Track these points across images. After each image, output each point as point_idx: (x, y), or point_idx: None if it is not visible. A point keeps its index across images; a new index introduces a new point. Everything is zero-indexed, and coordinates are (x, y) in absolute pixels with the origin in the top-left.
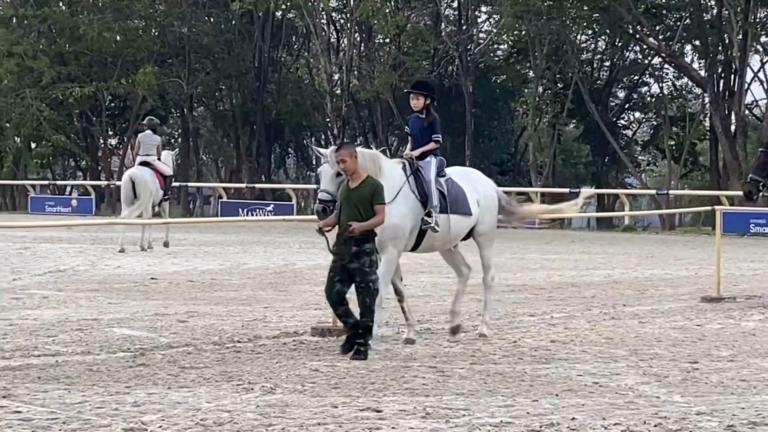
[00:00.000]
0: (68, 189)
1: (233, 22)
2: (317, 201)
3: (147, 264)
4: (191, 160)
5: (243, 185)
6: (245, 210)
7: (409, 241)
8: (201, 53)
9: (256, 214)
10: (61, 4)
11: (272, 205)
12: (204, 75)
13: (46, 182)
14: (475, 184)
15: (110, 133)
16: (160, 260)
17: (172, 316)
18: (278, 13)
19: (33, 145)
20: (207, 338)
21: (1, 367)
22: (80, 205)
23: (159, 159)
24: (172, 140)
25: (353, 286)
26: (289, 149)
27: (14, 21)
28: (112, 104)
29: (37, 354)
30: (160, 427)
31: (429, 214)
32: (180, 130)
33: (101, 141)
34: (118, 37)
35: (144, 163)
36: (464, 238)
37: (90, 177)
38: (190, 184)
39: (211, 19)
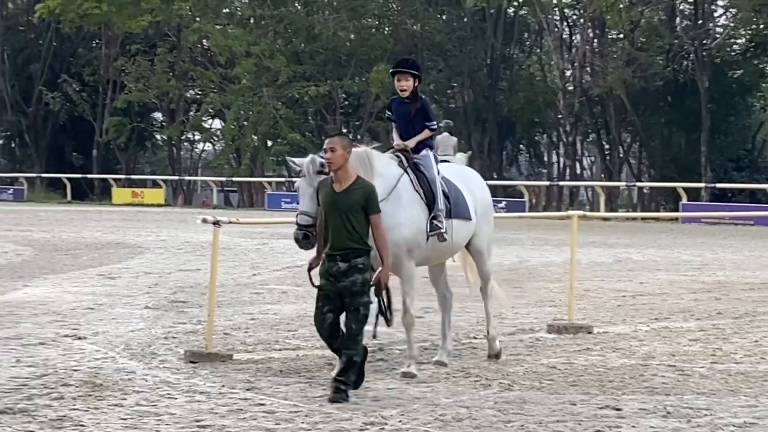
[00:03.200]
0: None
1: (465, 19)
2: (296, 226)
3: None
4: None
5: None
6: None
7: None
8: (433, 51)
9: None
10: (297, 4)
11: (504, 202)
12: (436, 72)
13: (282, 179)
14: (470, 186)
15: (344, 130)
16: None
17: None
18: (510, 10)
19: (270, 143)
20: None
21: (244, 360)
22: None
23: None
24: None
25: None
26: (521, 146)
27: (252, 21)
28: (346, 102)
29: (278, 348)
30: (400, 421)
31: (435, 218)
32: None
33: None
34: (352, 36)
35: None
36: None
37: None
38: None
39: (444, 17)
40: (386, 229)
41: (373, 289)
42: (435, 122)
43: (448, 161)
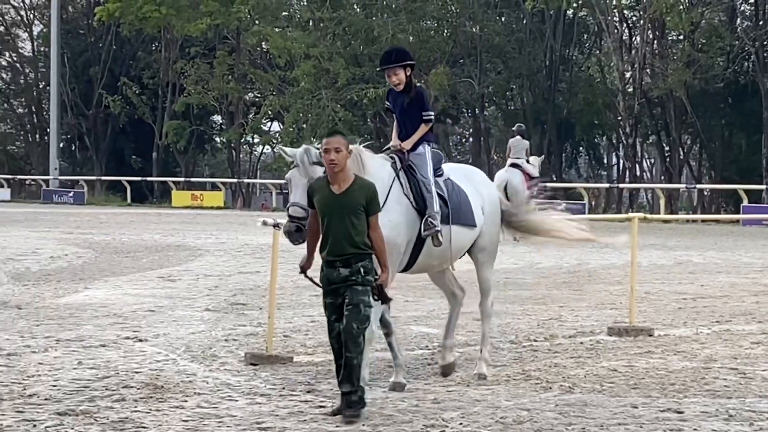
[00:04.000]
0: None
1: (524, 21)
2: (287, 218)
3: None
4: (482, 159)
5: None
6: None
7: (404, 257)
8: (492, 53)
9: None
10: (356, 7)
11: (563, 204)
12: (495, 74)
13: None
14: (477, 186)
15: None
16: None
17: (468, 315)
18: (570, 12)
19: None
20: (503, 337)
21: (304, 363)
22: None
23: (528, 161)
24: (463, 140)
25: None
26: (580, 148)
27: (311, 24)
28: None
29: None
30: (461, 424)
31: (430, 217)
32: (471, 130)
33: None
34: (411, 38)
35: (514, 165)
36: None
37: None
38: None
39: (503, 19)
40: None
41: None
42: (432, 112)
43: (519, 165)
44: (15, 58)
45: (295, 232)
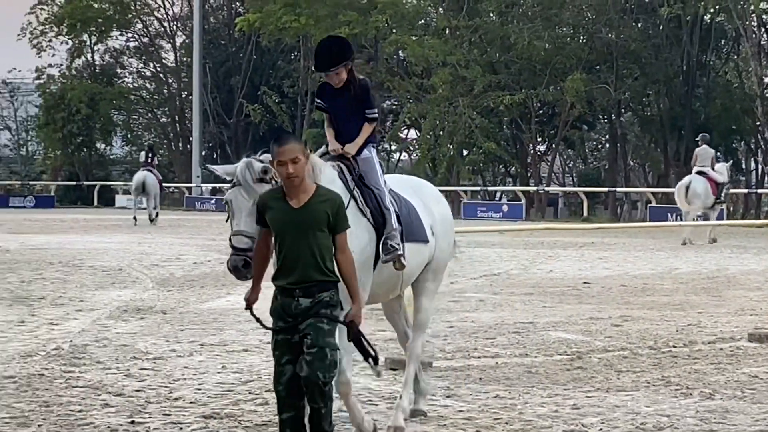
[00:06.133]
0: (498, 194)
1: (661, 27)
2: (231, 251)
3: (578, 268)
4: (619, 165)
5: (671, 190)
6: (674, 215)
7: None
8: (628, 59)
9: (685, 219)
10: (492, 15)
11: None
12: (631, 80)
13: (478, 188)
14: (426, 201)
15: (539, 139)
16: (591, 264)
17: (606, 320)
18: (707, 17)
19: (465, 152)
20: (642, 342)
21: (443, 368)
22: (510, 210)
23: (713, 169)
24: (599, 146)
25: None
26: (718, 153)
27: (447, 32)
28: (541, 111)
29: (477, 355)
30: (600, 430)
31: (388, 239)
32: (607, 136)
33: (530, 147)
34: (547, 45)
35: (699, 173)
36: None
37: (519, 183)
38: (618, 189)
39: (639, 25)
40: None
41: (345, 333)
42: (376, 110)
43: (705, 173)
44: (159, 69)
45: (243, 267)
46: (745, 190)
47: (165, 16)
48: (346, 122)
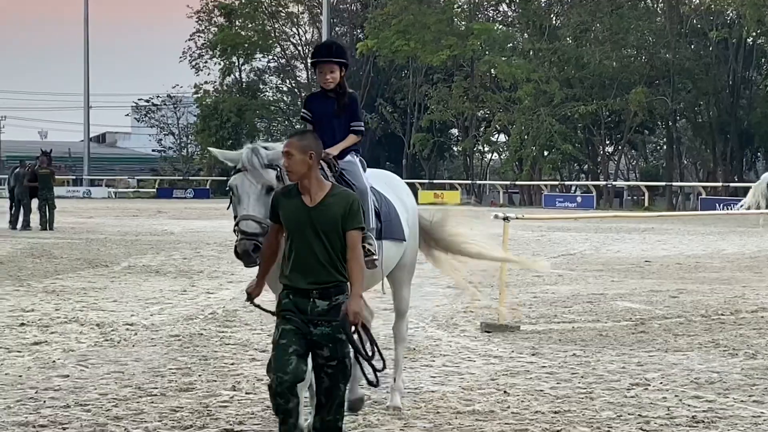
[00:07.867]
0: (573, 188)
1: (710, 48)
2: (239, 236)
3: (641, 249)
4: (674, 163)
5: (719, 184)
6: (721, 205)
7: None
8: (683, 75)
9: (731, 209)
10: (568, 39)
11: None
12: (685, 93)
13: (556, 183)
14: (400, 195)
15: (607, 142)
16: (652, 246)
17: (664, 292)
18: (749, 40)
19: (546, 153)
20: (695, 311)
21: (529, 331)
22: (584, 201)
23: None
24: (658, 147)
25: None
26: (758, 154)
27: (531, 53)
28: (609, 118)
29: (556, 321)
30: (661, 383)
31: (364, 240)
32: (665, 139)
33: (600, 149)
34: (614, 64)
35: None
36: None
37: (591, 178)
38: (674, 183)
39: (692, 46)
40: None
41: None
42: (362, 123)
43: None
44: (293, 84)
45: (253, 252)
46: None
47: (299, 41)
48: (329, 129)
